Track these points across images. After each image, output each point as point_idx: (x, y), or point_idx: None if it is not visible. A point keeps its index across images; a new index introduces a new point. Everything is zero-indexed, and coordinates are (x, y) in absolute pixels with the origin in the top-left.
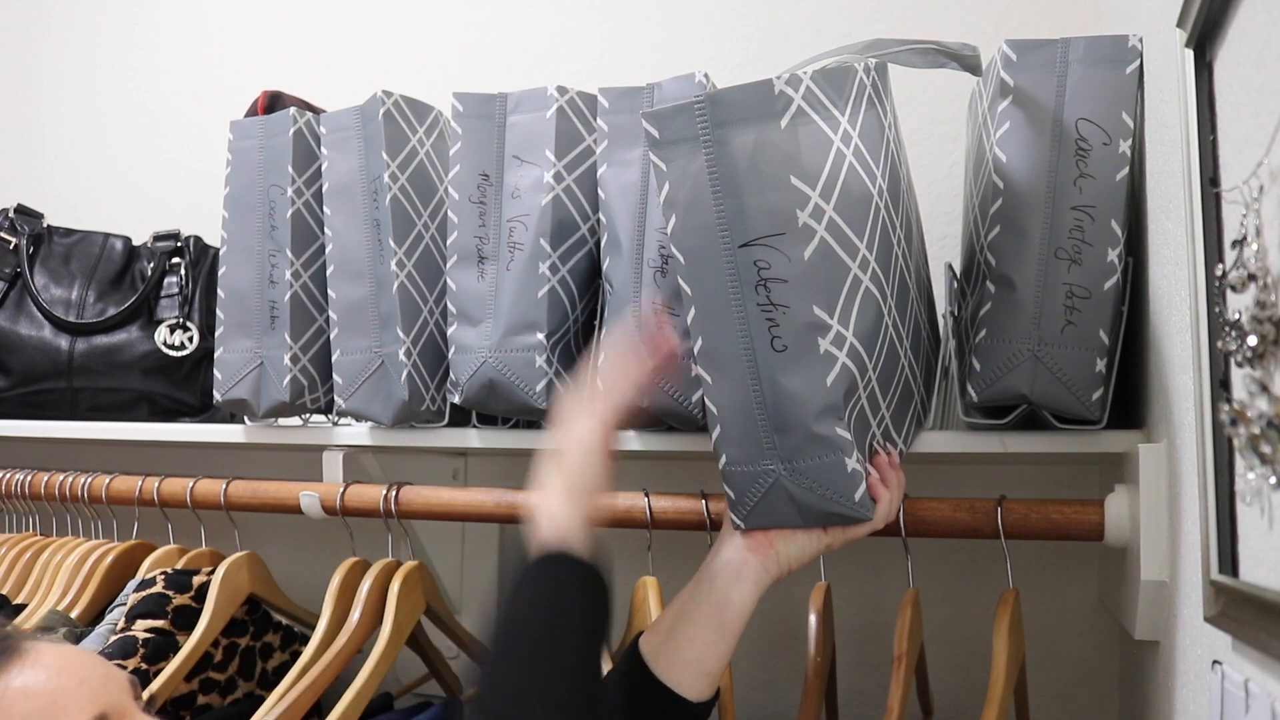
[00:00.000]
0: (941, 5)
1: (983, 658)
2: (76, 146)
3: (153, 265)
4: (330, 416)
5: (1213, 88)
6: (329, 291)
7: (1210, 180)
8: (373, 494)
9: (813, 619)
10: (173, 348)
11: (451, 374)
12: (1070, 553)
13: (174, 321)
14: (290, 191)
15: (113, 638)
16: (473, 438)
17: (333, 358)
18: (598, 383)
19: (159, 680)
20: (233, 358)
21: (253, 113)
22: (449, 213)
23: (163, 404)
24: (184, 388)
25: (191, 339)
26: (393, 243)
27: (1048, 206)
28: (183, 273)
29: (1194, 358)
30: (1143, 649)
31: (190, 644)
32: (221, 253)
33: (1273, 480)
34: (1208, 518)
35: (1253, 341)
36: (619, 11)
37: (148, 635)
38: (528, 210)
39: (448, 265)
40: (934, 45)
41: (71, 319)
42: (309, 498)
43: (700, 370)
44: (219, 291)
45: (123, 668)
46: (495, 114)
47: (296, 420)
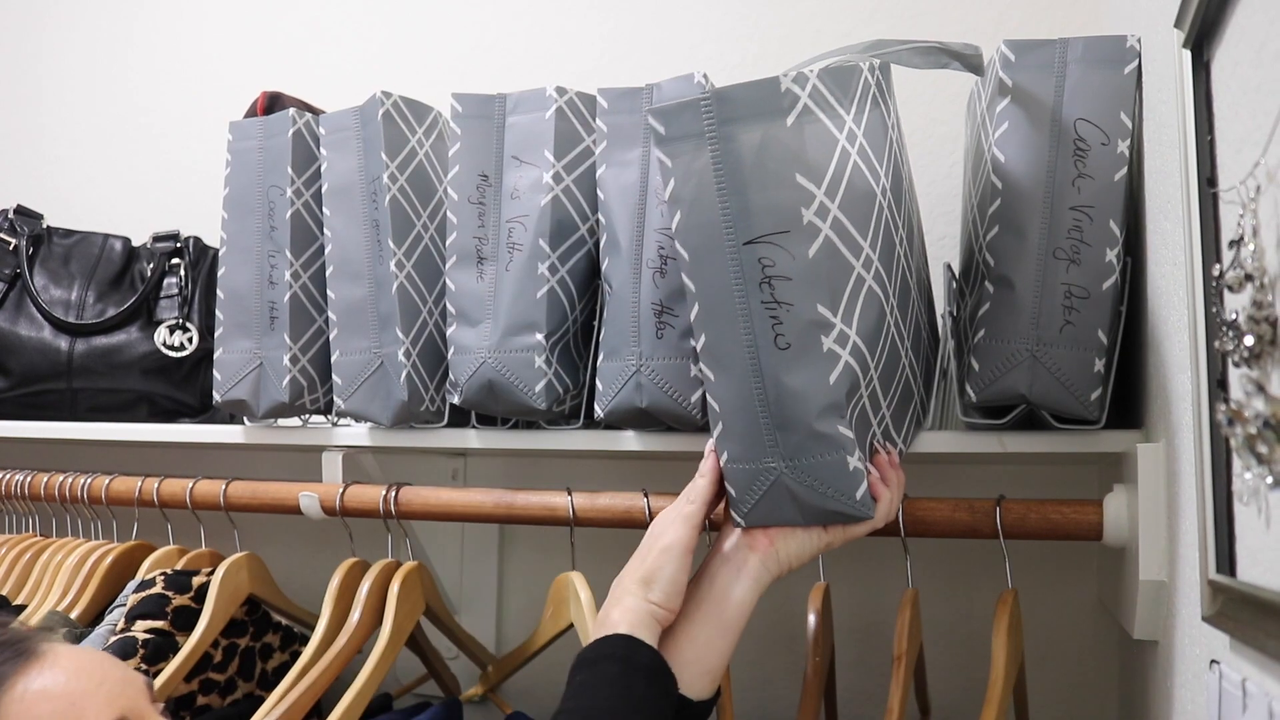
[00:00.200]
0: (941, 5)
1: (982, 658)
2: (76, 146)
3: (152, 266)
4: (330, 417)
5: (1210, 88)
6: (328, 292)
7: (1208, 180)
8: (372, 494)
9: (812, 619)
10: (172, 348)
11: (451, 374)
12: (1069, 553)
13: (174, 322)
14: (290, 192)
15: (112, 638)
16: (472, 438)
17: (332, 358)
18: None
19: (159, 681)
20: (232, 358)
21: (252, 113)
22: (448, 213)
23: (162, 404)
24: (184, 388)
25: (191, 339)
26: (392, 243)
27: (1046, 206)
28: (182, 273)
29: (1191, 358)
30: (1141, 648)
31: (190, 644)
32: (221, 253)
33: (1269, 480)
34: (1205, 517)
35: (1249, 341)
36: (619, 11)
37: (147, 636)
38: (527, 211)
39: (447, 266)
40: (937, 45)
41: (71, 320)
42: (308, 498)
43: (703, 367)
44: (218, 292)
45: None
46: (494, 114)
47: (296, 421)
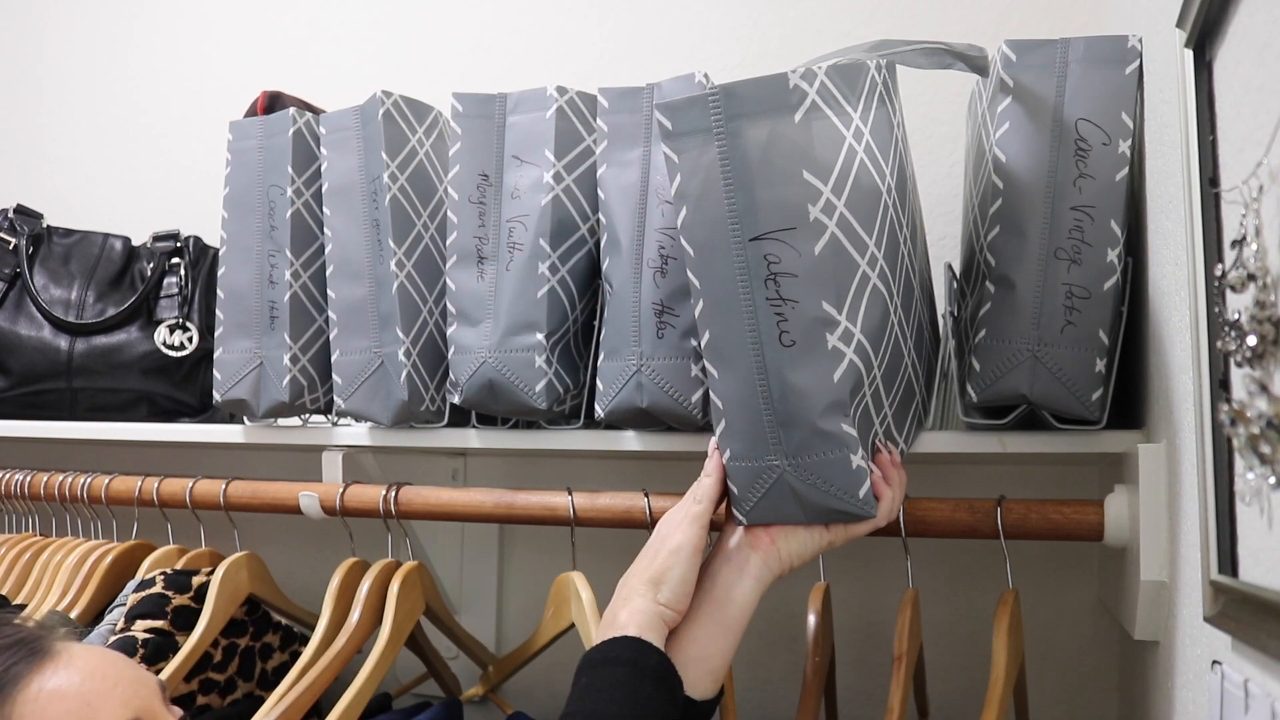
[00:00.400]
0: (941, 5)
1: (982, 658)
2: (76, 146)
3: (152, 265)
4: (330, 417)
5: (1212, 87)
6: (328, 291)
7: (1210, 180)
8: (372, 494)
9: (812, 619)
10: (172, 348)
11: (451, 374)
12: (1070, 553)
13: (173, 322)
14: (290, 192)
15: (112, 638)
16: (472, 438)
17: (332, 358)
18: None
19: None
20: (232, 358)
21: (252, 113)
22: (448, 213)
23: (162, 404)
24: (183, 388)
25: (191, 339)
26: (392, 243)
27: (1047, 206)
28: (182, 273)
29: (1193, 358)
30: (1142, 649)
31: (190, 644)
32: (221, 253)
33: (1272, 480)
34: (1207, 518)
35: (1252, 341)
36: (619, 11)
37: (147, 636)
38: (527, 210)
39: (447, 265)
40: (942, 46)
41: (71, 319)
42: (308, 498)
43: (706, 364)
44: (218, 292)
45: None
46: (495, 114)
47: (296, 420)
